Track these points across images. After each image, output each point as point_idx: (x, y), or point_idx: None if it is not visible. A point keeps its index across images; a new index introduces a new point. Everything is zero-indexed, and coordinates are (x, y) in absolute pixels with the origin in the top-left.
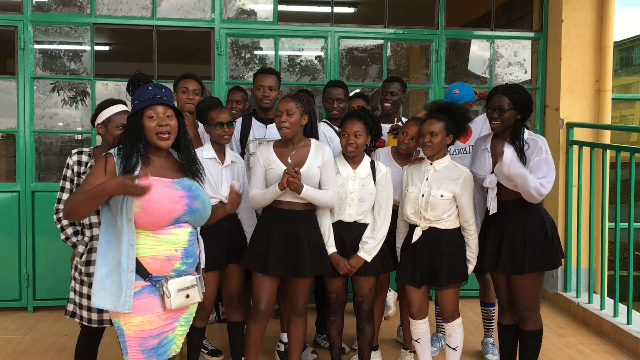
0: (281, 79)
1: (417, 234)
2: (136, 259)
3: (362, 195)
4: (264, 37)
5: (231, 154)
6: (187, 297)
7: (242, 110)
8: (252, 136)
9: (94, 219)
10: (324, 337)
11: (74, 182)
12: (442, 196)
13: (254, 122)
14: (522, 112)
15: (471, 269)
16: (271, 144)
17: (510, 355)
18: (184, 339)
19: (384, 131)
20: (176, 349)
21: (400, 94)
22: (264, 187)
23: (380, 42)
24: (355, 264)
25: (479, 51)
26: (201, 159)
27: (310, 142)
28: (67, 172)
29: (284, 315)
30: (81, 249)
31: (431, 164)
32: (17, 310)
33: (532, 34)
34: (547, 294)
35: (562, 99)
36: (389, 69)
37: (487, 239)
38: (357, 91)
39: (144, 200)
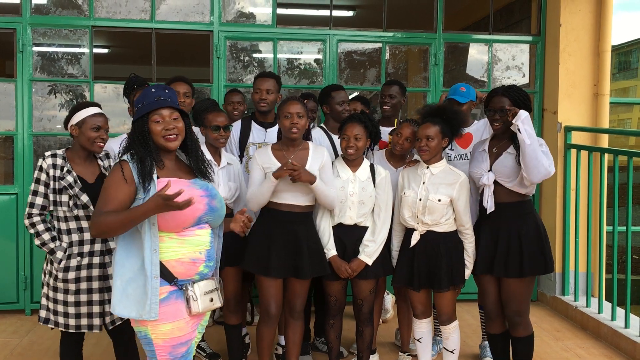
0: (281, 83)
1: (415, 238)
2: (161, 262)
3: (362, 197)
4: (262, 40)
5: (227, 156)
6: (211, 300)
7: (242, 112)
8: (252, 139)
9: (73, 224)
10: (322, 341)
11: (50, 187)
12: (439, 200)
13: (253, 125)
14: None
15: (468, 274)
16: (269, 147)
17: None
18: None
19: (383, 134)
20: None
21: (399, 97)
22: None
23: (378, 45)
24: (356, 268)
25: (477, 55)
26: None
27: (307, 144)
28: (41, 176)
29: (282, 318)
30: (60, 254)
31: (427, 168)
32: (14, 312)
33: (530, 38)
34: (545, 298)
35: (560, 102)
36: (388, 73)
37: (480, 241)
38: (356, 94)
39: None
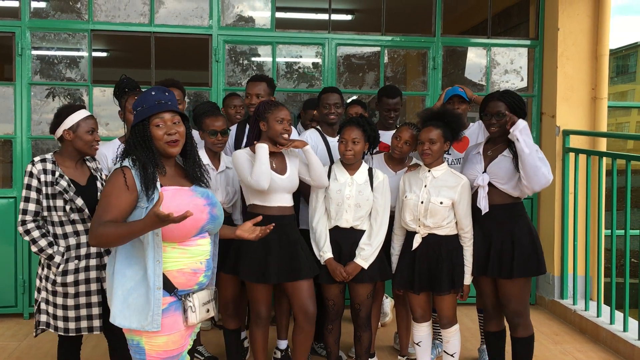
0: (275, 85)
1: (417, 241)
2: (162, 273)
3: (359, 201)
4: (261, 44)
5: (226, 160)
6: (207, 311)
7: (244, 115)
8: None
9: (69, 228)
10: (321, 345)
11: (42, 192)
12: (441, 203)
13: (248, 129)
14: (518, 115)
15: (469, 279)
16: (247, 150)
17: None
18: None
19: (382, 137)
20: None
21: (400, 107)
22: None
23: (377, 49)
24: (351, 271)
25: (475, 59)
26: None
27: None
28: (32, 182)
29: (281, 322)
30: (58, 259)
31: (429, 171)
32: (13, 316)
33: (528, 42)
34: (544, 301)
35: (559, 106)
36: (386, 76)
37: (474, 243)
38: (355, 98)
39: (175, 212)
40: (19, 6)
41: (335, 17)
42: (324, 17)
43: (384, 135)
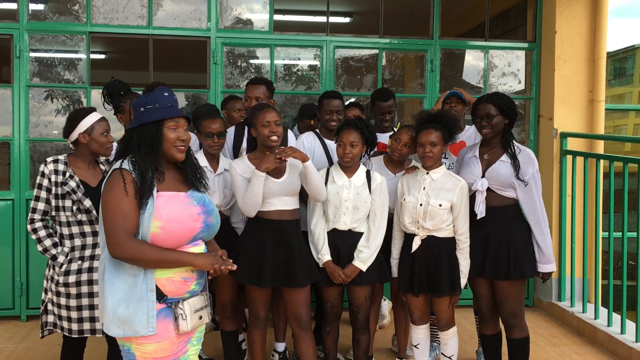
0: (274, 88)
1: (416, 243)
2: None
3: (357, 203)
4: (259, 47)
5: (224, 162)
6: (200, 318)
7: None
8: (245, 145)
9: (75, 229)
10: (319, 347)
11: (52, 192)
12: (440, 205)
13: (246, 131)
14: (508, 116)
15: (464, 282)
16: (245, 157)
17: None
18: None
19: (380, 138)
20: None
21: (395, 108)
22: None
23: (375, 51)
24: (349, 273)
25: (473, 61)
26: None
27: None
28: (43, 181)
29: (278, 324)
30: (61, 259)
31: (428, 173)
32: (10, 319)
33: (526, 45)
34: (542, 304)
35: (556, 109)
36: (384, 79)
37: (471, 245)
38: (352, 100)
39: (164, 220)
40: (17, 8)
41: (333, 19)
42: (322, 19)
43: (381, 137)
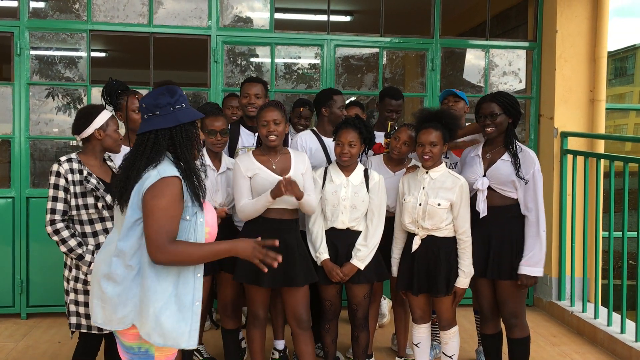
0: (268, 87)
1: (416, 243)
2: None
3: (355, 202)
4: (260, 45)
5: (227, 161)
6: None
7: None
8: (241, 144)
9: (98, 226)
10: (319, 346)
11: (70, 191)
12: (439, 205)
13: (242, 130)
14: (512, 115)
15: (466, 282)
16: (250, 154)
17: None
18: None
19: (379, 138)
20: None
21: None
22: (250, 197)
23: (376, 50)
24: (347, 272)
25: (474, 60)
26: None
27: (287, 150)
28: (60, 181)
29: (277, 322)
30: (88, 257)
31: (427, 173)
32: (10, 316)
33: (526, 44)
34: (542, 303)
35: (557, 108)
36: (385, 78)
37: (473, 244)
38: (353, 99)
39: (210, 225)
40: (17, 6)
41: (334, 18)
42: (323, 18)
43: (380, 137)
